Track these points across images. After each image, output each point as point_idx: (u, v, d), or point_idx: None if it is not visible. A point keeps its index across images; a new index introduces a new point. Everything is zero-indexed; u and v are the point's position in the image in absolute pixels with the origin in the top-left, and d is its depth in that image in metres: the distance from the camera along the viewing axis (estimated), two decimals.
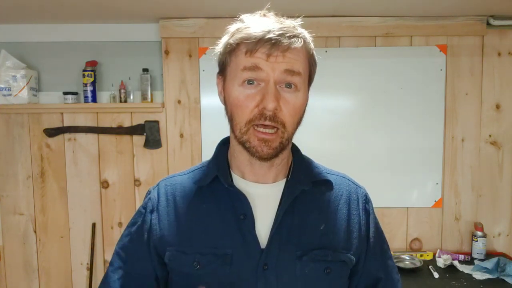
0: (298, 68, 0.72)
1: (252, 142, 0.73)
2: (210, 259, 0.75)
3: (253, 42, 0.70)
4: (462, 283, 1.89)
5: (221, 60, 0.78)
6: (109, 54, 2.27)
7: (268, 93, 0.70)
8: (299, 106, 0.74)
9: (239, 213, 0.76)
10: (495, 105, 2.24)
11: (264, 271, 0.74)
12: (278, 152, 0.75)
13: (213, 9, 1.99)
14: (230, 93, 0.74)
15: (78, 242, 2.30)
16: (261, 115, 0.71)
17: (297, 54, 0.72)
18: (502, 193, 2.28)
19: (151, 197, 0.84)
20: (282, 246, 0.75)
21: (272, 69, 0.70)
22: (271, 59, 0.70)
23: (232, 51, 0.74)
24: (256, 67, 0.71)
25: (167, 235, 0.79)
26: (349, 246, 0.80)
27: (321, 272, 0.76)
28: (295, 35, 0.72)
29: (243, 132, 0.73)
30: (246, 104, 0.72)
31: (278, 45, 0.70)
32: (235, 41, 0.73)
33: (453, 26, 2.16)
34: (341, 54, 2.21)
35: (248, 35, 0.71)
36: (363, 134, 2.24)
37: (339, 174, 0.88)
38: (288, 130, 0.74)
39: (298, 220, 0.78)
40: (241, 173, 0.81)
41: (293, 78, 0.72)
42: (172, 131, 2.25)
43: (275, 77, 0.71)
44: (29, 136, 2.26)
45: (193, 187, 0.82)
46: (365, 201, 0.86)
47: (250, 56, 0.71)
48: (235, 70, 0.74)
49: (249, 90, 0.72)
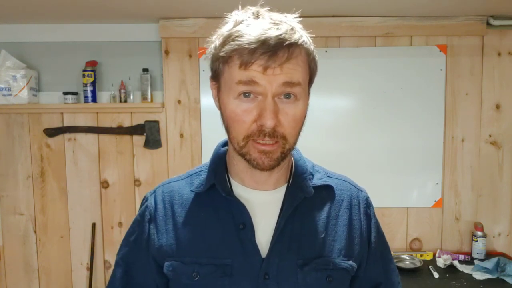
0: (297, 78, 0.67)
1: (252, 155, 0.70)
2: (209, 270, 0.73)
3: (248, 54, 0.64)
4: (462, 283, 1.89)
5: (214, 68, 0.72)
6: (109, 54, 2.27)
7: (266, 110, 0.66)
8: (299, 117, 0.70)
9: (238, 223, 0.74)
10: (495, 105, 2.24)
11: (265, 281, 0.72)
12: (280, 162, 0.72)
13: (213, 9, 1.99)
14: (226, 105, 0.70)
15: (78, 242, 2.30)
16: (260, 131, 0.67)
17: (296, 64, 0.67)
18: (502, 193, 2.28)
19: (148, 205, 0.82)
20: (283, 254, 0.74)
21: (269, 82, 0.65)
22: (268, 71, 0.65)
23: (225, 62, 0.68)
24: (252, 82, 0.65)
25: (165, 245, 0.77)
26: (350, 253, 0.78)
27: (323, 281, 0.74)
28: (293, 42, 0.66)
29: (241, 146, 0.70)
30: (243, 119, 0.68)
31: (275, 57, 0.64)
32: (227, 53, 0.67)
33: (453, 26, 2.16)
34: (341, 54, 2.21)
35: (241, 45, 0.65)
36: (363, 134, 2.24)
37: (340, 177, 0.86)
38: (290, 142, 0.70)
39: (299, 227, 0.76)
40: (241, 179, 0.78)
41: (293, 89, 0.67)
42: (172, 131, 2.25)
43: (273, 91, 0.66)
44: (29, 136, 2.26)
45: (191, 194, 0.79)
46: (366, 205, 0.84)
47: (245, 69, 0.65)
48: (229, 82, 0.68)
49: (246, 104, 0.67)
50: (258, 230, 0.75)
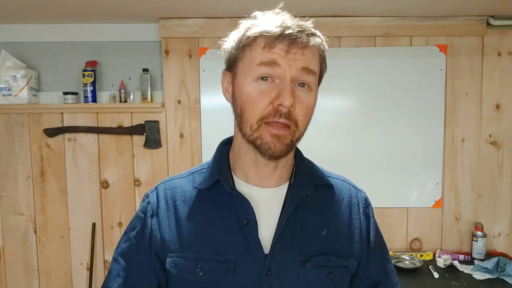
0: (314, 67, 0.72)
1: (265, 139, 0.71)
2: (213, 266, 0.74)
3: (273, 36, 0.69)
4: (462, 283, 1.89)
5: (233, 55, 0.75)
6: (109, 54, 2.27)
7: (285, 90, 0.69)
8: (311, 106, 0.74)
9: (242, 218, 0.75)
10: (495, 105, 2.24)
11: (268, 277, 0.73)
12: (289, 150, 0.74)
13: (213, 9, 1.99)
14: (242, 89, 0.72)
15: (78, 242, 2.30)
16: (276, 111, 0.69)
17: (314, 53, 0.72)
18: (502, 193, 2.28)
19: (150, 201, 0.82)
20: (285, 251, 0.75)
21: (289, 66, 0.69)
22: (289, 55, 0.69)
23: (247, 45, 0.72)
24: (274, 63, 0.69)
25: (168, 241, 0.77)
26: (351, 251, 0.80)
27: (324, 277, 0.75)
28: (313, 33, 0.72)
29: (254, 129, 0.71)
30: (259, 100, 0.70)
31: (297, 42, 0.69)
32: (253, 34, 0.71)
33: (453, 26, 2.16)
34: (341, 54, 2.21)
35: (267, 29, 0.70)
36: (363, 134, 2.24)
37: (339, 177, 0.88)
38: (300, 130, 0.73)
39: (301, 225, 0.77)
40: (244, 175, 0.79)
41: (308, 77, 0.71)
42: (172, 131, 2.25)
43: (292, 74, 0.70)
44: (29, 136, 2.26)
45: (193, 191, 0.80)
46: (365, 205, 0.86)
47: (268, 50, 0.69)
48: (249, 64, 0.72)
49: (264, 85, 0.70)
50: (261, 226, 0.76)
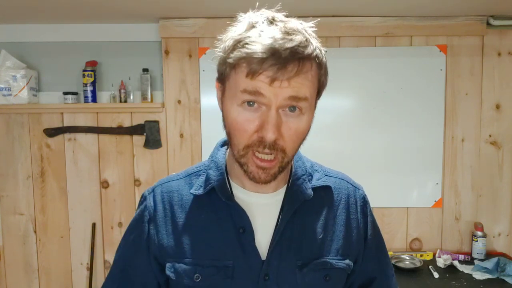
0: (304, 93, 0.65)
1: (250, 167, 0.69)
2: (211, 271, 0.74)
3: (256, 63, 0.62)
4: (462, 283, 1.89)
5: (220, 70, 0.70)
6: (109, 54, 2.27)
7: (268, 123, 0.64)
8: (302, 131, 0.69)
9: (238, 226, 0.75)
10: (495, 105, 2.24)
11: (265, 282, 0.73)
12: (277, 176, 0.71)
13: (213, 9, 1.99)
14: (229, 111, 0.68)
15: (78, 242, 2.30)
16: (260, 142, 0.66)
17: (305, 78, 0.65)
18: (502, 193, 2.28)
19: (147, 205, 0.81)
20: (283, 256, 0.75)
21: (275, 95, 0.63)
22: (275, 84, 0.63)
23: (232, 68, 0.66)
24: (257, 92, 0.64)
25: (167, 246, 0.77)
26: (347, 252, 0.80)
27: (320, 279, 0.76)
28: (305, 56, 0.64)
29: (241, 154, 0.69)
30: (244, 128, 0.66)
31: (284, 70, 0.62)
32: (235, 60, 0.65)
33: (453, 26, 2.16)
34: (341, 54, 2.21)
35: (251, 54, 0.62)
36: (363, 134, 2.24)
37: (338, 175, 0.87)
38: (289, 155, 0.69)
39: (298, 229, 0.77)
40: (241, 182, 0.78)
41: (298, 103, 0.66)
42: (172, 131, 2.25)
43: (278, 104, 0.64)
44: (29, 136, 2.26)
45: (190, 196, 0.79)
46: (363, 204, 0.86)
47: (251, 79, 0.63)
48: (234, 88, 0.67)
49: (249, 112, 0.66)
50: (258, 232, 0.75)
